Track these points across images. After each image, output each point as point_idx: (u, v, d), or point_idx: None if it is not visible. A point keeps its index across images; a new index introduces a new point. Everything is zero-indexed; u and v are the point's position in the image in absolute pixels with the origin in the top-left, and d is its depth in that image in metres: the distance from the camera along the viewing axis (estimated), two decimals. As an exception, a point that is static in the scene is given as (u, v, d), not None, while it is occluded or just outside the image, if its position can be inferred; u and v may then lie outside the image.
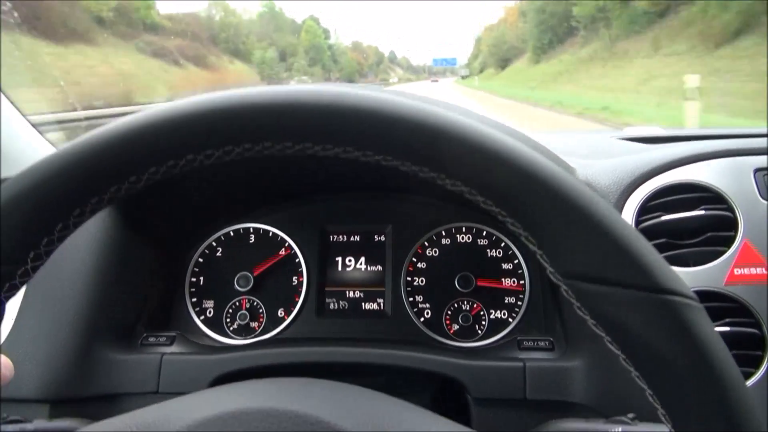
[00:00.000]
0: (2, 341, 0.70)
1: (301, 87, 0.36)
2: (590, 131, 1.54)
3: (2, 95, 0.96)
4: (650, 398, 0.34)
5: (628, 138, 1.02)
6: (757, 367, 0.60)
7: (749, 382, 0.59)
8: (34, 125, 1.03)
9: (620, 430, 0.51)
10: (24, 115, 1.01)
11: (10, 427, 0.53)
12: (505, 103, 22.59)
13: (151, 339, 0.78)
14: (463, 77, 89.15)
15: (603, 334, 0.34)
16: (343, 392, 0.42)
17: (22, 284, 0.37)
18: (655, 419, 0.35)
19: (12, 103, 0.99)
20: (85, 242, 0.75)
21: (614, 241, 0.32)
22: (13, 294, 0.37)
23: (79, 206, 0.35)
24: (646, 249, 0.33)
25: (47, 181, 0.34)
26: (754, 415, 0.31)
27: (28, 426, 0.53)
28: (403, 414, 0.40)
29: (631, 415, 0.53)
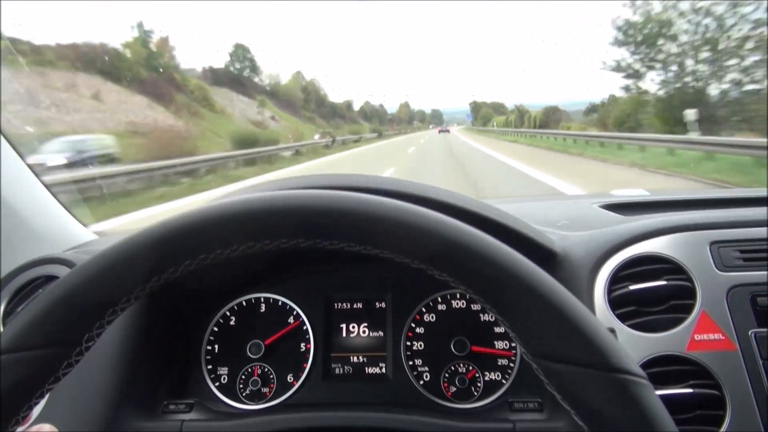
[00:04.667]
0: (38, 413, 0.77)
1: (301, 193, 0.46)
2: (574, 197, 1.63)
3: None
4: None
5: (606, 206, 1.11)
6: (719, 425, 0.66)
7: None
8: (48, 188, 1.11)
9: None
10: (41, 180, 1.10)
11: None
12: None
13: (172, 406, 0.85)
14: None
15: (569, 408, 0.41)
16: None
17: (76, 362, 0.44)
18: None
19: (28, 166, 1.07)
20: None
21: (573, 327, 0.40)
22: (68, 372, 0.45)
23: (126, 295, 0.44)
24: (602, 333, 0.41)
25: (100, 275, 0.43)
26: None
27: None
28: None
29: None
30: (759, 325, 0.69)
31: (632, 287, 0.76)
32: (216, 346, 0.96)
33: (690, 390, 0.67)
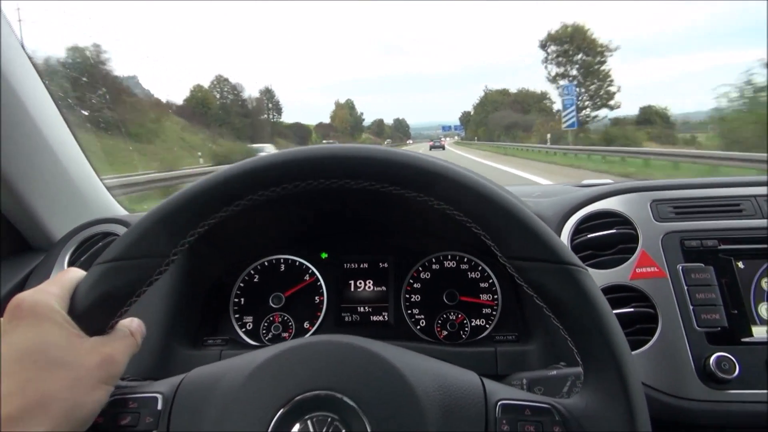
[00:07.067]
0: None
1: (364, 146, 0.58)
2: (551, 184, 1.84)
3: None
4: (563, 333, 0.57)
5: (575, 185, 1.31)
6: (652, 335, 0.84)
7: (646, 346, 0.83)
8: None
9: (555, 372, 0.73)
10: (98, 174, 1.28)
11: (127, 382, 0.75)
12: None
13: (210, 341, 1.01)
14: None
15: (533, 294, 0.58)
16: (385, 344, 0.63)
17: (164, 271, 0.57)
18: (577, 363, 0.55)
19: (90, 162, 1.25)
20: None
21: (534, 234, 0.56)
22: (158, 278, 0.57)
23: (203, 220, 0.58)
24: (554, 238, 0.57)
25: (188, 202, 0.56)
26: (621, 337, 0.54)
27: (145, 383, 0.75)
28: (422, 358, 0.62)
29: (562, 363, 0.76)
30: (685, 261, 0.88)
31: (590, 235, 0.95)
32: (242, 299, 1.12)
33: (631, 309, 0.86)
